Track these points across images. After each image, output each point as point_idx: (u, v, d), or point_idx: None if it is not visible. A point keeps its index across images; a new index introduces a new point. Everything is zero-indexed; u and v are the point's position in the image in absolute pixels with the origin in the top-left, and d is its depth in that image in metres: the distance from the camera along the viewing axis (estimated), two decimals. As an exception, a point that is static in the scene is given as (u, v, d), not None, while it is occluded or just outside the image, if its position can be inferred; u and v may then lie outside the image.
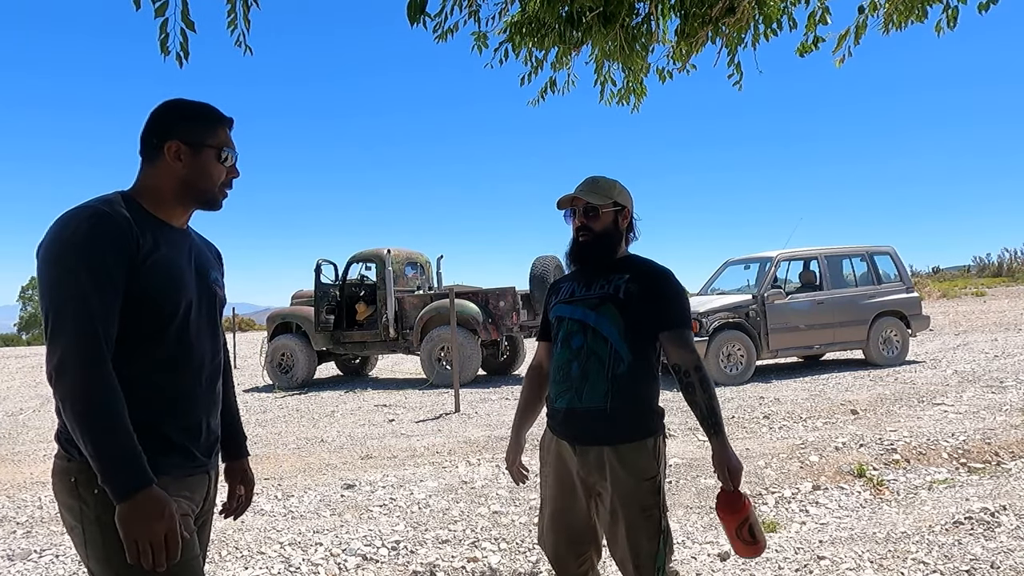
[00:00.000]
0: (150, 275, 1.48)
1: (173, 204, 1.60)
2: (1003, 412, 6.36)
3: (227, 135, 1.65)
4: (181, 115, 1.60)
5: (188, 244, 1.65)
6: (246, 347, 16.90)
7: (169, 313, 1.52)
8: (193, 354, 1.59)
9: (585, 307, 2.16)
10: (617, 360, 2.09)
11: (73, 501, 1.48)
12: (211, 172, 1.60)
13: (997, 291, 22.18)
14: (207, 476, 1.66)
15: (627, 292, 2.12)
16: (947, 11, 3.64)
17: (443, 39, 3.53)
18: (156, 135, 1.58)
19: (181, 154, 1.57)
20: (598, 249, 2.20)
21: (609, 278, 2.17)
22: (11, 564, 3.74)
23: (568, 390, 2.14)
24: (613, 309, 2.11)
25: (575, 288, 2.24)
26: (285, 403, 9.78)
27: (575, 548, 2.21)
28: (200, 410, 1.61)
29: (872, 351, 10.18)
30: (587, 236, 2.20)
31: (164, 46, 2.33)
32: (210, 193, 1.62)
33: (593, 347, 2.11)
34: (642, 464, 2.07)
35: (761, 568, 3.29)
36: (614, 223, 2.21)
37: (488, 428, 7.21)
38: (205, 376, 1.62)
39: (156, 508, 1.38)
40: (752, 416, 7.03)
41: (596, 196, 2.19)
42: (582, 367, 2.11)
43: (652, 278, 2.15)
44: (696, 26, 3.55)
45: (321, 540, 3.92)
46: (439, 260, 12.72)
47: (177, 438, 1.55)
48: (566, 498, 2.19)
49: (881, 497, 4.31)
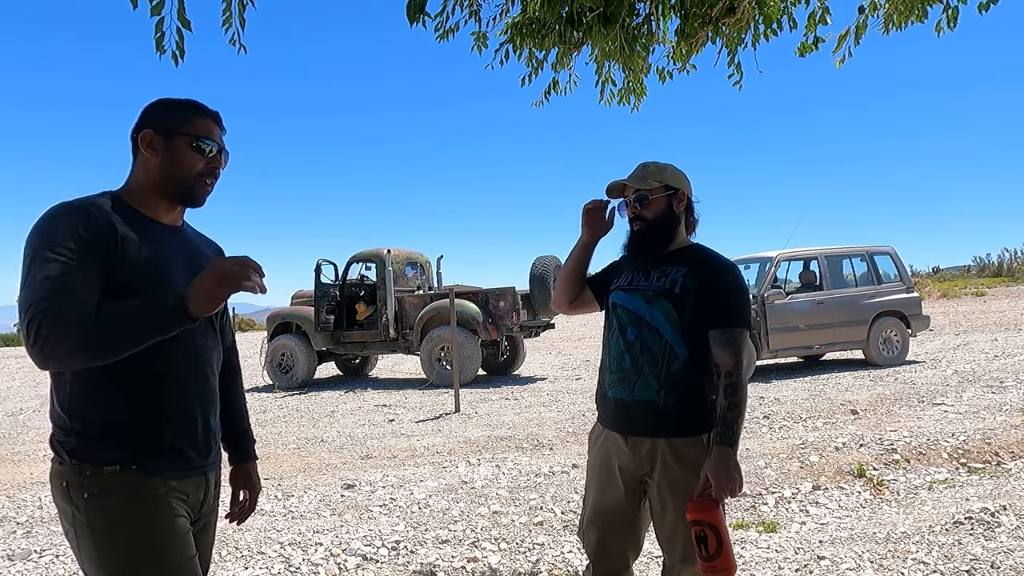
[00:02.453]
0: (130, 271, 1.46)
1: (156, 199, 1.58)
2: (1003, 412, 6.36)
3: (206, 126, 1.60)
4: (158, 107, 1.59)
5: (179, 241, 1.62)
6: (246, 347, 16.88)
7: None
8: (183, 352, 1.55)
9: (641, 299, 2.10)
10: (672, 356, 2.03)
11: (66, 505, 1.47)
12: (184, 160, 1.56)
13: (997, 291, 22.18)
14: (205, 478, 1.63)
15: (684, 287, 2.04)
16: (947, 11, 3.65)
17: (444, 39, 3.53)
18: (135, 130, 1.57)
19: (154, 143, 1.54)
20: (655, 237, 2.13)
21: (667, 270, 2.09)
22: (11, 564, 3.74)
23: (621, 382, 2.10)
24: (668, 305, 2.04)
25: (634, 276, 2.16)
26: (285, 403, 9.78)
27: (614, 543, 2.18)
28: (194, 408, 1.58)
29: (872, 351, 10.18)
30: (641, 225, 2.13)
31: (160, 45, 2.34)
32: (186, 183, 1.57)
33: (647, 341, 2.05)
34: (696, 458, 2.00)
35: (761, 568, 3.29)
36: (668, 207, 2.13)
37: (488, 428, 7.21)
38: (198, 374, 1.60)
39: (206, 287, 1.38)
40: (752, 416, 7.02)
41: (646, 182, 2.11)
42: (635, 361, 2.07)
43: (710, 272, 2.06)
44: (696, 26, 3.55)
45: (321, 540, 3.92)
46: (439, 260, 12.73)
47: (169, 437, 1.52)
48: (609, 493, 2.16)
49: (881, 497, 4.31)
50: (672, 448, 2.03)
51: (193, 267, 1.60)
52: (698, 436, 2.03)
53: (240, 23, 2.54)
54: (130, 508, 1.46)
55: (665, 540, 2.10)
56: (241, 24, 2.55)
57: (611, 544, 2.18)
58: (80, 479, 1.43)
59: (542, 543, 3.69)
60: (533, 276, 10.96)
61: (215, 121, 1.63)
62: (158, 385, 1.52)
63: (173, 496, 1.52)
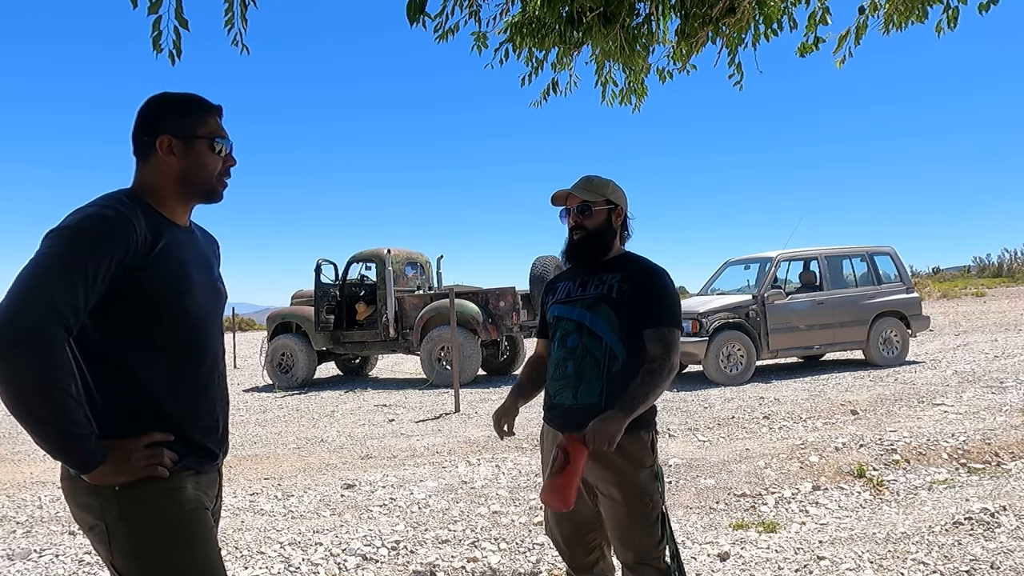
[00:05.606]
0: (159, 275, 1.47)
1: (175, 201, 1.58)
2: (1003, 412, 6.36)
3: (217, 124, 1.62)
4: (168, 108, 1.58)
5: (193, 242, 1.64)
6: (246, 347, 16.90)
7: (182, 313, 1.52)
8: (207, 352, 1.59)
9: (581, 307, 2.20)
10: (612, 359, 2.13)
11: (92, 500, 1.46)
12: (207, 163, 1.58)
13: (997, 291, 22.18)
14: (219, 474, 1.68)
15: (620, 291, 2.15)
16: (947, 11, 3.65)
17: (443, 39, 3.53)
18: (146, 132, 1.56)
19: (174, 148, 1.55)
20: (592, 247, 2.24)
21: (603, 277, 2.21)
22: (11, 564, 3.74)
23: (565, 388, 2.17)
24: (607, 309, 2.15)
25: (571, 288, 2.27)
26: (285, 403, 9.78)
27: (582, 537, 2.24)
28: (217, 407, 1.62)
29: (872, 351, 10.17)
30: (581, 234, 2.24)
31: (156, 43, 2.34)
32: (209, 185, 1.60)
33: (588, 346, 2.15)
34: (639, 455, 2.11)
35: (761, 568, 3.29)
36: (607, 221, 2.25)
37: (488, 428, 7.21)
38: (217, 373, 1.64)
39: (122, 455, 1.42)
40: (752, 416, 7.03)
41: (589, 194, 2.23)
42: (577, 366, 2.15)
43: (644, 276, 2.18)
44: (696, 26, 3.55)
45: (321, 540, 3.92)
46: (439, 260, 12.73)
47: (198, 437, 1.56)
48: None
49: (881, 497, 4.31)
50: (616, 447, 2.07)
51: (206, 267, 1.64)
52: (637, 433, 2.10)
53: (242, 24, 2.55)
54: (164, 499, 1.48)
55: (617, 539, 2.15)
56: (243, 25, 2.55)
57: (579, 538, 2.24)
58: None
59: (542, 543, 3.69)
60: (533, 276, 10.97)
61: (220, 115, 1.64)
62: (189, 384, 1.55)
63: (200, 490, 1.55)
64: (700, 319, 9.36)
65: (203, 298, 1.58)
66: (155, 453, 1.46)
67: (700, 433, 6.41)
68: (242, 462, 6.12)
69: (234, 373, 13.96)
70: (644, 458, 2.12)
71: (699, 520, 4.05)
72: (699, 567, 3.34)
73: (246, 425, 8.15)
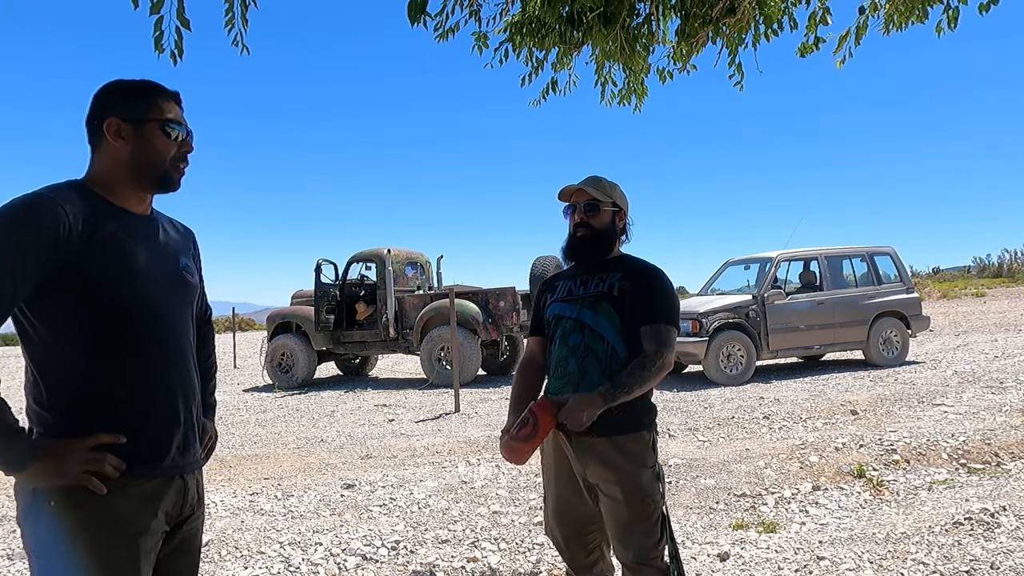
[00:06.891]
0: (95, 265, 1.40)
1: (126, 187, 1.51)
2: (1003, 413, 6.36)
3: (172, 108, 1.55)
4: (118, 93, 1.52)
5: (151, 230, 1.56)
6: (246, 347, 16.91)
7: (128, 303, 1.45)
8: (165, 345, 1.51)
9: (582, 306, 2.21)
10: (613, 357, 2.14)
11: (23, 492, 1.43)
12: (157, 147, 1.51)
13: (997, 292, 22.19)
14: (182, 480, 1.54)
15: (621, 290, 2.18)
16: (947, 11, 3.64)
17: (444, 39, 3.53)
18: (96, 116, 1.50)
19: (122, 131, 1.48)
20: (595, 245, 2.27)
21: (603, 277, 2.24)
22: (11, 564, 3.74)
23: (567, 386, 2.18)
24: (609, 307, 2.17)
25: (571, 286, 2.29)
26: (285, 403, 9.78)
27: (582, 536, 2.25)
28: (180, 403, 1.53)
29: (872, 351, 10.18)
30: (585, 232, 2.26)
31: (158, 43, 2.33)
32: (161, 170, 1.52)
33: (590, 344, 2.16)
34: (641, 453, 2.13)
35: (761, 568, 3.29)
36: (612, 222, 2.29)
37: (488, 428, 7.21)
38: (181, 367, 1.55)
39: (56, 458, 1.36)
40: (752, 416, 7.03)
41: (598, 192, 2.26)
42: (579, 364, 2.16)
43: (644, 275, 2.22)
44: (696, 26, 3.55)
45: (321, 540, 3.92)
46: (439, 260, 12.74)
47: (155, 435, 1.48)
48: (568, 487, 2.22)
49: (881, 497, 4.31)
50: (616, 446, 2.11)
51: (167, 256, 1.57)
52: (639, 432, 2.13)
53: (243, 24, 2.55)
54: (93, 508, 1.39)
55: (617, 539, 2.15)
56: (244, 25, 2.55)
57: (579, 538, 2.26)
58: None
59: (542, 543, 3.69)
60: (533, 276, 10.96)
61: (177, 102, 1.58)
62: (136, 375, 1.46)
63: (149, 504, 1.45)
64: (700, 319, 9.37)
65: (155, 288, 1.50)
66: (97, 458, 1.37)
67: (700, 433, 6.41)
68: (242, 462, 6.12)
69: (234, 373, 13.96)
70: (646, 458, 2.13)
71: (699, 520, 4.05)
72: (699, 567, 3.34)
73: (246, 425, 8.15)
